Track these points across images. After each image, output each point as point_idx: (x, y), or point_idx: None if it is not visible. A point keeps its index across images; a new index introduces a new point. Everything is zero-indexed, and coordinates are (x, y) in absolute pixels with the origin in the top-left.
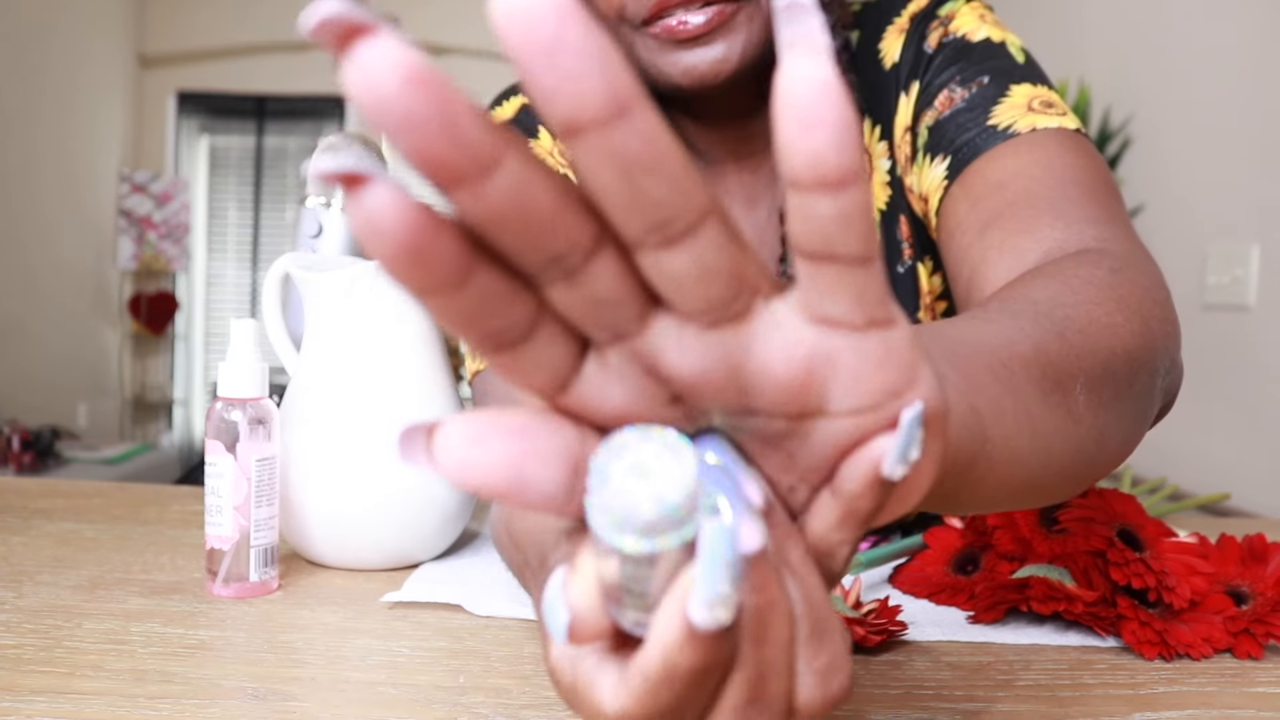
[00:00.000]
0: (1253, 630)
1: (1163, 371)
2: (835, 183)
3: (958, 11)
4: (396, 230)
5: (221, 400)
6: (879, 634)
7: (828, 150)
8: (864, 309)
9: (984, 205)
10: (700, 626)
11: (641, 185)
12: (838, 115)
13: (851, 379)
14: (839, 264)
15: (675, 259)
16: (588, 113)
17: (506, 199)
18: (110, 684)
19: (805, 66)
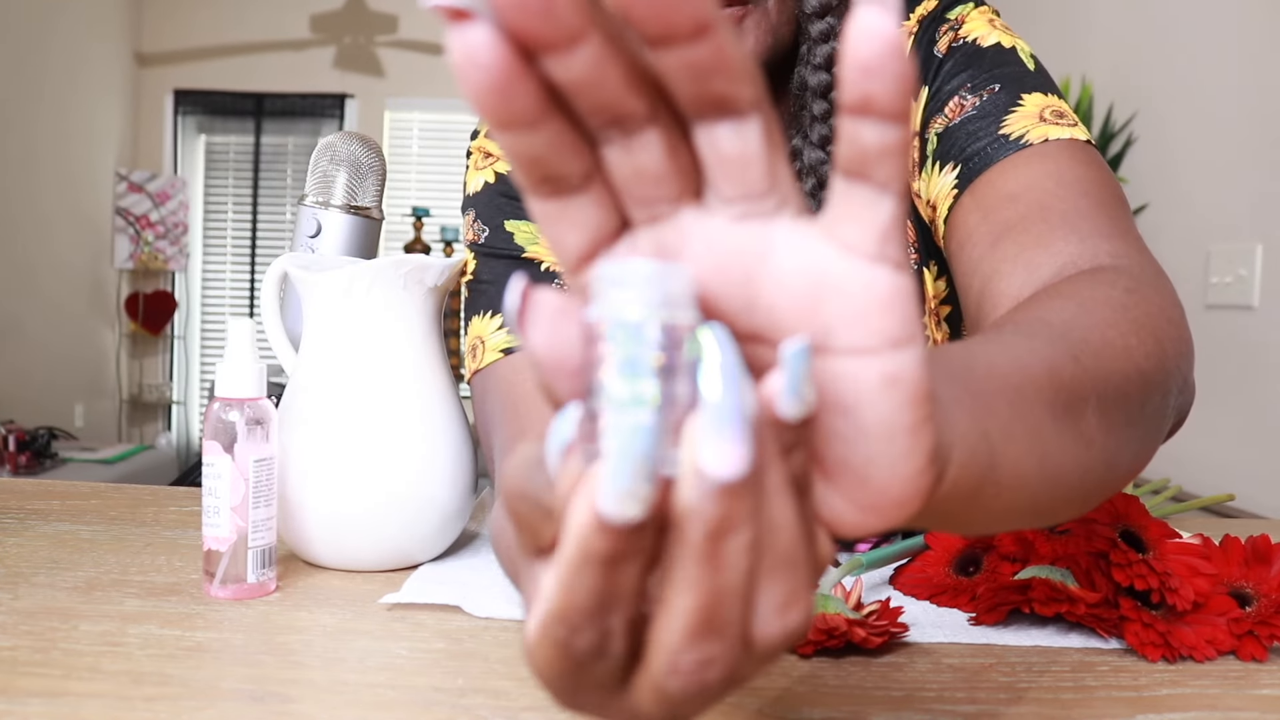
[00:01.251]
0: (1256, 632)
1: (1175, 392)
2: (882, 115)
3: (967, 15)
4: (490, 65)
5: (219, 400)
6: (880, 635)
7: (883, 92)
8: (880, 241)
9: (996, 217)
10: (608, 519)
11: (709, 81)
12: (897, 67)
13: (856, 314)
14: (870, 185)
15: (724, 134)
16: (676, 36)
17: (585, 68)
18: (107, 686)
19: (874, 19)
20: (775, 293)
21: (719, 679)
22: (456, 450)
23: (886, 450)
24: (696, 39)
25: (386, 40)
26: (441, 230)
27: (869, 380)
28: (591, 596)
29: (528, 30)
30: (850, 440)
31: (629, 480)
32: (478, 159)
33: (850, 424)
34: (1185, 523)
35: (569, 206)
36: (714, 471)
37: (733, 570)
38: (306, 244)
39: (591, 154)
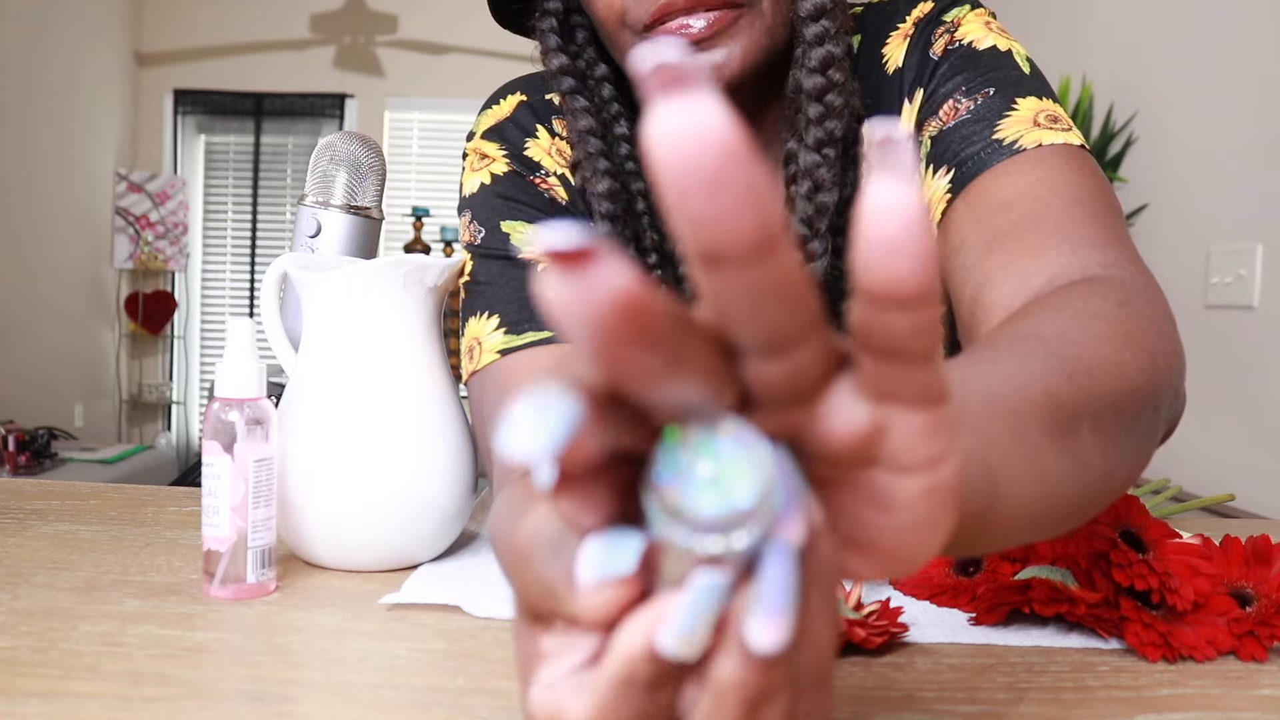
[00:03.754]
0: (1257, 632)
1: (1166, 405)
2: (913, 302)
3: (964, 18)
4: (626, 294)
5: (219, 400)
6: (880, 635)
7: (909, 277)
8: (922, 393)
9: (988, 224)
10: (663, 652)
11: (768, 312)
12: (922, 245)
13: (901, 446)
14: (905, 362)
15: (774, 368)
16: (735, 250)
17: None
18: (106, 686)
19: (894, 192)
20: (824, 443)
21: None
22: (456, 450)
23: (918, 537)
24: (759, 259)
25: (386, 40)
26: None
27: (910, 492)
28: (632, 712)
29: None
30: (884, 531)
31: (696, 628)
32: (474, 160)
33: (888, 521)
34: (1185, 523)
35: None
36: (760, 646)
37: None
38: (306, 244)
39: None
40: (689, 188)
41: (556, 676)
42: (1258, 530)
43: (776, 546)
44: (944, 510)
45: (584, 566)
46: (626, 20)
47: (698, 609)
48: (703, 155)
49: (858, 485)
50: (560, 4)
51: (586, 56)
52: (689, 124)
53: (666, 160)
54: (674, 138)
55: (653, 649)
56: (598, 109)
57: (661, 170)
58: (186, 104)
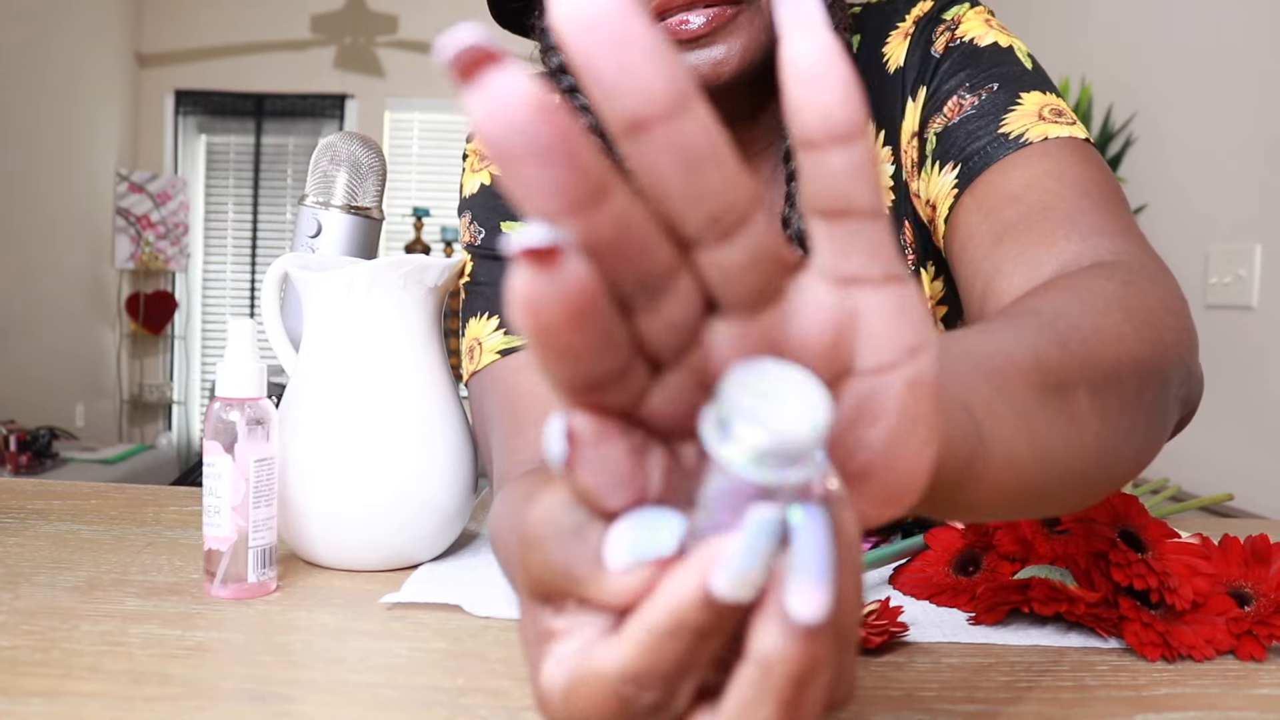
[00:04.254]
0: (1256, 632)
1: (1177, 381)
2: (845, 135)
3: (964, 16)
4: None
5: (220, 400)
6: (880, 635)
7: (834, 104)
8: (880, 263)
9: (997, 217)
10: (718, 596)
11: (703, 174)
12: (840, 72)
13: (874, 335)
14: (854, 218)
15: (732, 252)
16: (654, 107)
17: (616, 223)
18: (107, 686)
19: (805, 39)
20: (802, 349)
21: None
22: (456, 450)
23: (909, 443)
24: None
25: (386, 40)
26: (441, 230)
27: (895, 389)
28: (674, 662)
29: (555, 182)
30: (876, 444)
31: (754, 567)
32: (474, 161)
33: (878, 430)
34: (1184, 523)
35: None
36: (802, 616)
37: (812, 709)
38: (307, 244)
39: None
40: (596, 54)
41: (571, 650)
42: (1256, 530)
43: (810, 513)
44: (928, 407)
45: (617, 549)
46: None
47: (756, 545)
48: (602, 18)
49: (842, 404)
50: None
51: None
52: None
53: (572, 31)
54: (572, 9)
55: (706, 594)
56: None
57: (570, 43)
58: (187, 104)
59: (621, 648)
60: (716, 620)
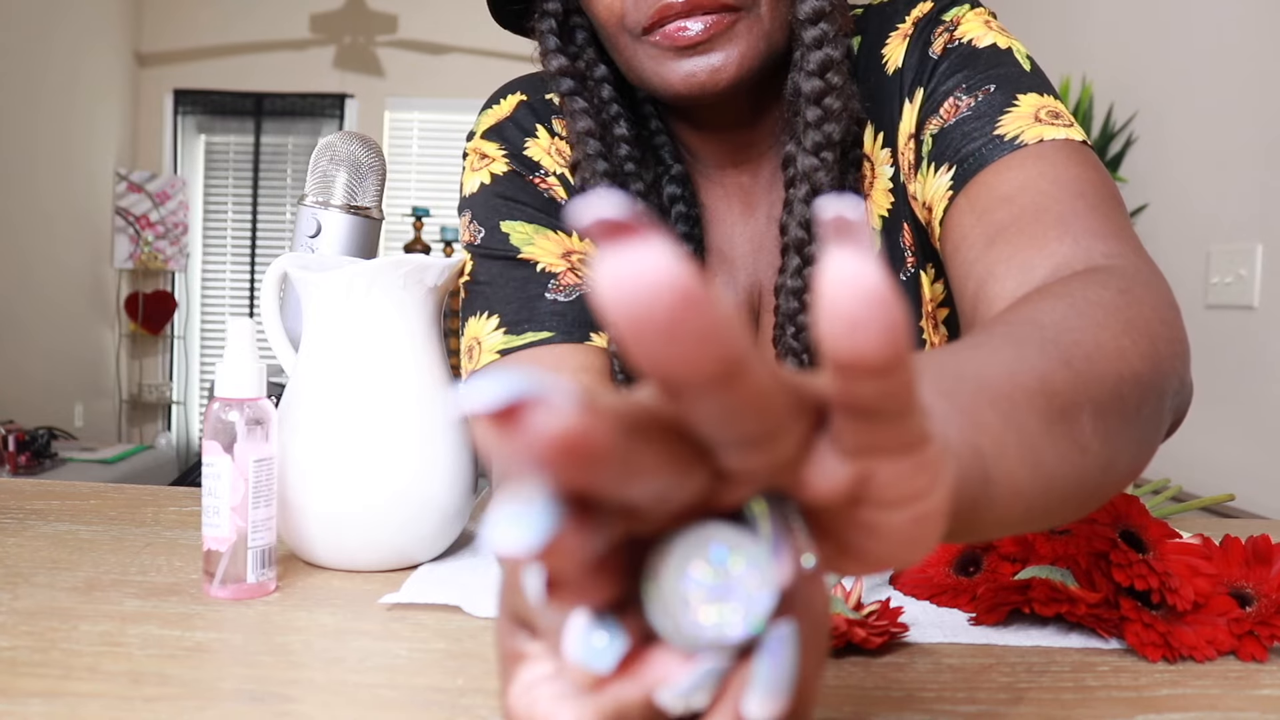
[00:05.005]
0: (1257, 632)
1: (1171, 393)
2: (881, 372)
3: (963, 17)
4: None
5: (219, 400)
6: (880, 636)
7: (874, 350)
8: (901, 441)
9: (990, 218)
10: (662, 707)
11: (738, 425)
12: (885, 316)
13: (886, 486)
14: (879, 421)
15: (752, 459)
16: (696, 384)
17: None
18: (107, 686)
19: (851, 265)
20: (811, 500)
21: None
22: (456, 450)
23: (910, 553)
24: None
25: (386, 40)
26: (441, 230)
27: (897, 523)
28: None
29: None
30: (873, 549)
31: (698, 693)
32: (474, 160)
33: (877, 544)
34: (1185, 523)
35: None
36: (754, 718)
37: None
38: (306, 244)
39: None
40: (644, 334)
41: (537, 678)
42: (1258, 530)
43: (778, 633)
44: (934, 528)
45: (570, 647)
46: (626, 23)
47: (701, 680)
48: (656, 303)
49: (845, 521)
50: (560, 5)
51: (586, 58)
52: (639, 273)
53: (619, 310)
54: (624, 288)
55: (649, 702)
56: (597, 110)
57: (614, 318)
58: (187, 104)
59: (575, 713)
60: (661, 716)
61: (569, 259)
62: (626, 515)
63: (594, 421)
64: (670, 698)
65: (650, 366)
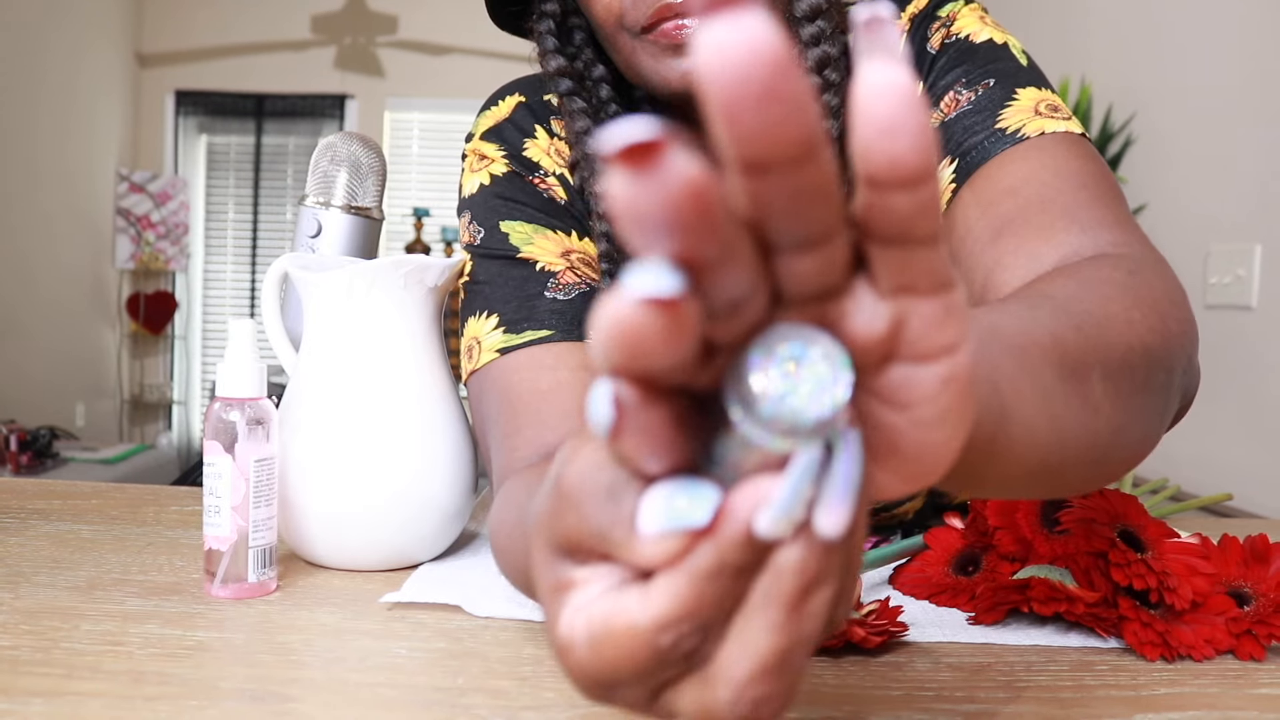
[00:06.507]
0: (1255, 631)
1: (1180, 370)
2: (914, 181)
3: (958, 13)
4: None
5: (220, 400)
6: (879, 635)
7: (908, 154)
8: (931, 278)
9: (995, 211)
10: (761, 535)
11: (806, 211)
12: (917, 121)
13: (917, 333)
14: (911, 245)
15: (808, 261)
16: (782, 159)
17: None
18: (108, 685)
19: (885, 73)
20: (848, 340)
21: (774, 713)
22: (456, 450)
23: (937, 433)
24: (803, 163)
25: (386, 40)
26: (442, 230)
27: (929, 382)
28: (713, 605)
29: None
30: (904, 428)
31: (795, 506)
32: (473, 161)
33: (908, 416)
34: (1184, 522)
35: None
36: (826, 531)
37: (814, 619)
38: (307, 244)
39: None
40: (740, 102)
41: (589, 598)
42: (1256, 530)
43: (848, 440)
44: (961, 402)
45: (652, 516)
46: (624, 22)
47: (799, 487)
48: (754, 70)
49: (878, 385)
50: (558, 6)
51: (584, 58)
52: (739, 40)
53: (717, 77)
54: (725, 55)
55: (749, 534)
56: (595, 110)
57: (711, 87)
58: (187, 104)
59: (658, 598)
60: (755, 558)
61: (568, 258)
62: (709, 320)
63: (716, 183)
64: (770, 520)
65: (740, 136)
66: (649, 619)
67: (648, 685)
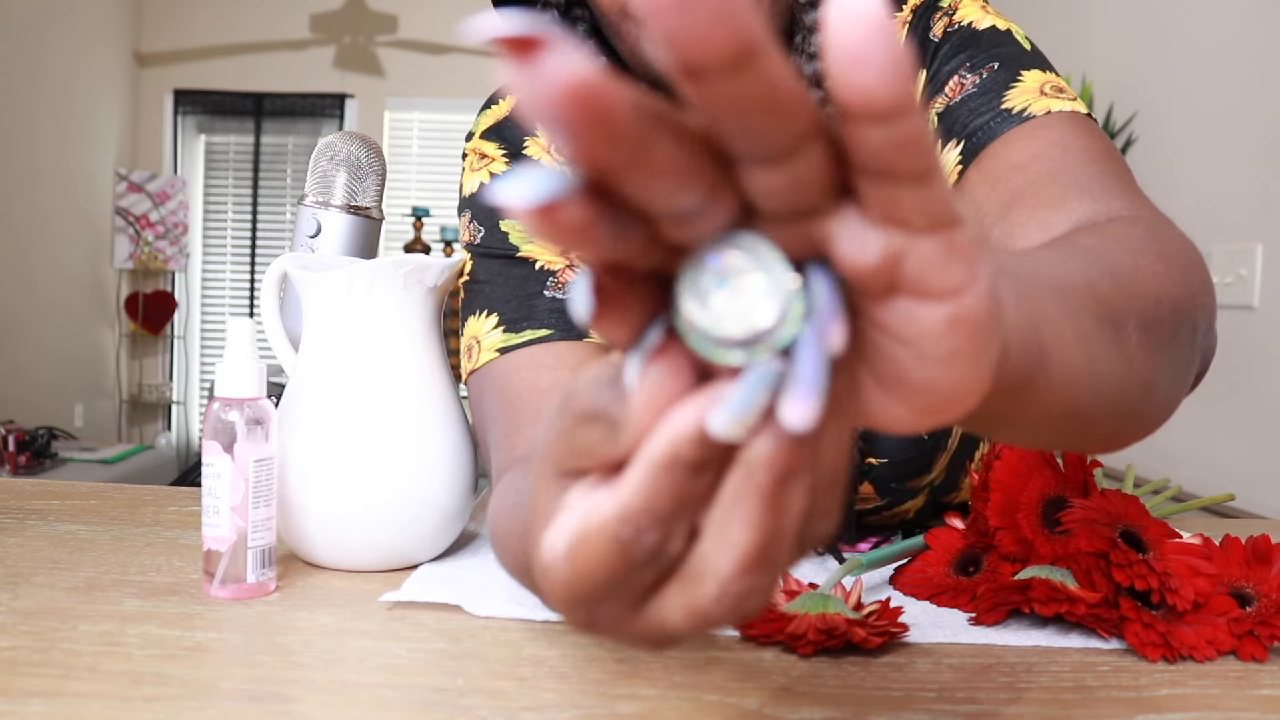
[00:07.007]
0: (1257, 632)
1: (1202, 330)
2: (887, 114)
3: (960, 2)
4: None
5: (219, 400)
6: (880, 636)
7: (876, 85)
8: (926, 214)
9: (1004, 186)
10: (713, 434)
11: (755, 123)
12: (885, 50)
13: (917, 272)
14: (899, 181)
15: (772, 176)
16: (710, 64)
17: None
18: (106, 686)
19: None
20: (838, 261)
21: (758, 605)
22: (456, 450)
23: (948, 372)
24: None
25: (386, 40)
26: (441, 230)
27: (932, 321)
28: (670, 499)
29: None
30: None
31: (748, 411)
32: (473, 160)
33: (910, 353)
34: (1185, 523)
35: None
36: (791, 423)
37: (791, 512)
38: (306, 244)
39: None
40: (660, 9)
41: (573, 516)
42: (1258, 530)
43: (811, 335)
44: (972, 344)
45: (631, 370)
46: (628, 8)
47: (753, 395)
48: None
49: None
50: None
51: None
52: None
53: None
54: None
55: (701, 431)
56: None
57: None
58: (186, 104)
59: (619, 491)
60: (709, 455)
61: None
62: (653, 231)
63: (612, 87)
64: (722, 422)
65: (665, 39)
66: (611, 511)
67: (625, 595)
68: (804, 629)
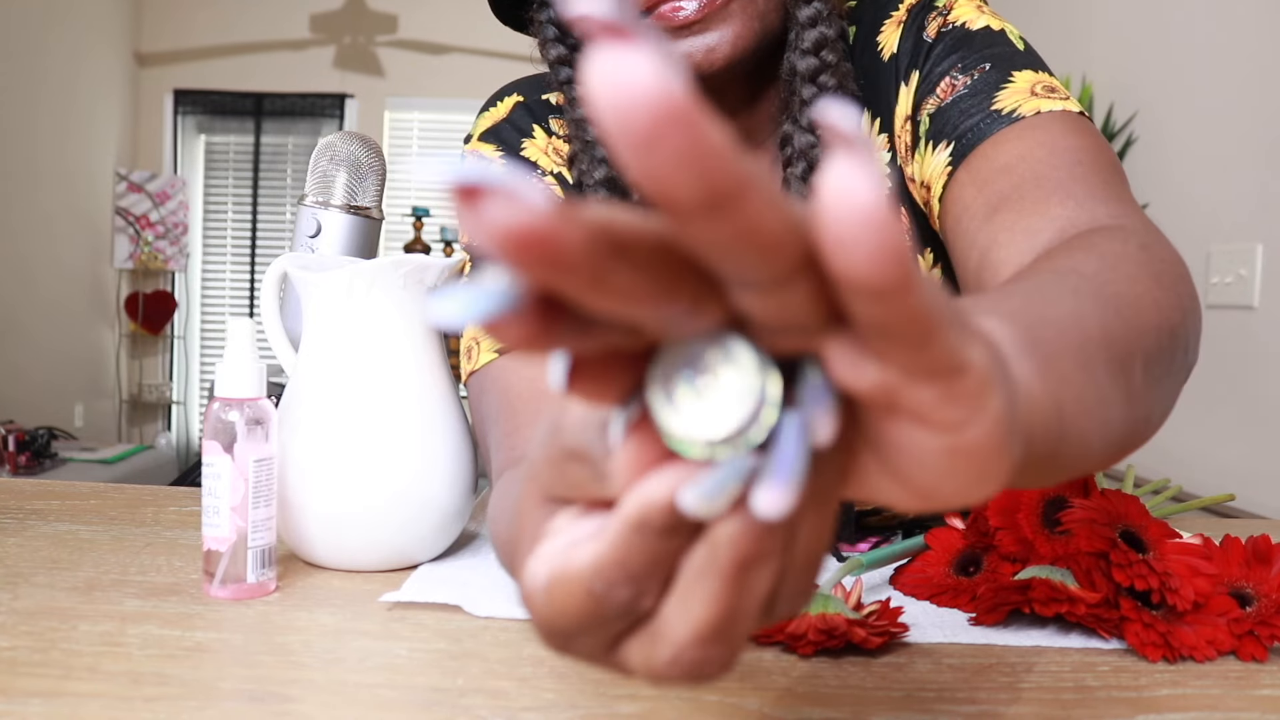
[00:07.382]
0: (1257, 632)
1: (1193, 346)
2: (882, 294)
3: (955, 2)
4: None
5: (219, 400)
6: (880, 636)
7: (872, 268)
8: (924, 370)
9: (991, 189)
10: (681, 509)
11: (737, 260)
12: (877, 236)
13: (915, 405)
14: (893, 343)
15: (760, 302)
16: (682, 206)
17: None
18: (106, 686)
19: (845, 178)
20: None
21: (714, 674)
22: (456, 450)
23: (954, 485)
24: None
25: (386, 40)
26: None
27: (932, 449)
28: (641, 559)
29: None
30: (913, 471)
31: (718, 497)
32: None
33: (914, 462)
34: (1185, 523)
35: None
36: (763, 512)
37: (755, 592)
38: (306, 244)
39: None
40: (626, 145)
41: (556, 548)
42: (1258, 530)
43: (793, 426)
44: (981, 466)
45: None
46: None
47: (724, 481)
48: (634, 115)
49: (879, 426)
50: None
51: (585, 46)
52: (622, 79)
53: (600, 113)
54: (607, 93)
55: (671, 502)
56: None
57: (598, 121)
58: (186, 104)
59: (595, 544)
60: (681, 522)
61: None
62: (626, 330)
63: (561, 224)
64: (693, 499)
65: (638, 180)
66: (585, 563)
67: (598, 637)
68: (804, 629)
